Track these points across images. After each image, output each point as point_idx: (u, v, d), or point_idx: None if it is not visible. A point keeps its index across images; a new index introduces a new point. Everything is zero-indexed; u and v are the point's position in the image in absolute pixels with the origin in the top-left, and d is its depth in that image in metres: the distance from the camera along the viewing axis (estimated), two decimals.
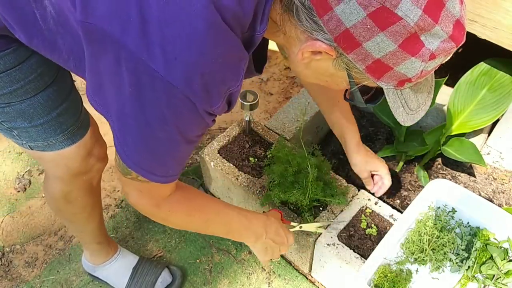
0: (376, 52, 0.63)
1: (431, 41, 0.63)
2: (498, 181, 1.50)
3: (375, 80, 0.68)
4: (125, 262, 1.42)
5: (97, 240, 1.34)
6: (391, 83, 0.68)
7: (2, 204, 1.69)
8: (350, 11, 0.61)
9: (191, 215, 0.95)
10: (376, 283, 1.20)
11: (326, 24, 0.63)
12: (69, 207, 1.17)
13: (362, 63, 0.66)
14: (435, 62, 0.66)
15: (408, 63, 0.64)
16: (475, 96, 1.41)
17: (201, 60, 0.63)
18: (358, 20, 0.61)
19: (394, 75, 0.66)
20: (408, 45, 0.62)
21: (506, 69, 1.40)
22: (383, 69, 0.66)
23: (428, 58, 0.64)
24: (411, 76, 0.66)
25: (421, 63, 0.65)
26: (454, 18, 0.63)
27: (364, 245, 1.29)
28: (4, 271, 1.52)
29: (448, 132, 1.42)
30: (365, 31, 0.61)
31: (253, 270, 1.49)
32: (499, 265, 1.19)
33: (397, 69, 0.65)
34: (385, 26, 0.61)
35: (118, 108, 0.69)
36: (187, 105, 0.67)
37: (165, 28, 0.61)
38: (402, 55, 0.63)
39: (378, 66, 0.65)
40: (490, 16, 1.20)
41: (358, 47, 0.63)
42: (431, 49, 0.63)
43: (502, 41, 1.23)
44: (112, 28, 0.62)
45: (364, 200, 1.37)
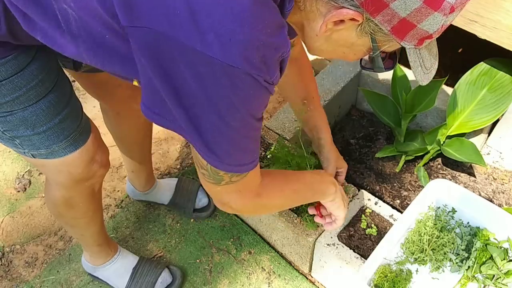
0: (402, 11, 0.65)
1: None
2: (498, 181, 1.50)
3: (399, 41, 0.70)
4: (125, 263, 1.42)
5: (97, 242, 1.34)
6: (413, 42, 0.70)
7: (2, 204, 1.69)
8: None
9: (283, 190, 0.98)
10: (376, 283, 1.20)
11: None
12: (71, 213, 1.17)
13: (388, 24, 0.67)
14: (453, 16, 0.68)
15: (431, 18, 0.66)
16: (475, 96, 1.41)
17: (254, 34, 0.63)
18: None
19: (417, 33, 0.68)
20: (432, 0, 0.64)
21: (506, 69, 1.40)
22: (408, 28, 0.67)
23: (449, 11, 0.65)
24: (432, 32, 0.68)
25: (443, 17, 0.66)
26: None
27: (364, 245, 1.29)
28: (4, 271, 1.52)
29: (448, 132, 1.42)
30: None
31: (253, 270, 1.49)
32: (499, 265, 1.19)
33: (420, 26, 0.67)
34: None
35: (185, 111, 0.68)
36: (251, 83, 0.66)
37: (213, 12, 0.61)
38: (427, 10, 0.64)
39: (403, 25, 0.67)
40: (490, 16, 1.20)
41: (385, 8, 0.65)
42: (451, 2, 0.65)
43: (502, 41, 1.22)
44: (161, 25, 0.62)
45: (364, 200, 1.37)
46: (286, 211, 1.33)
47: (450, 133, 1.41)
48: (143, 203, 1.67)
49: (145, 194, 1.60)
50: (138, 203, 1.67)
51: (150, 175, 1.57)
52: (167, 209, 1.65)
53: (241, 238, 1.56)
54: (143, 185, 1.58)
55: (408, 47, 0.72)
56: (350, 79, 1.63)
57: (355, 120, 1.74)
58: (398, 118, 1.47)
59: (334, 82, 1.63)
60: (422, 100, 1.41)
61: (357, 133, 1.68)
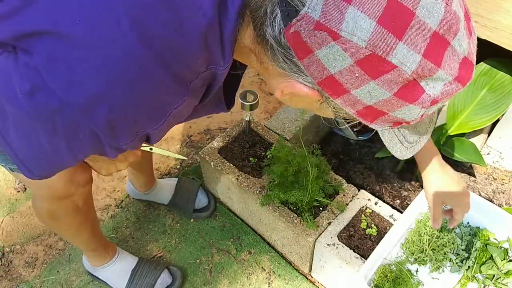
0: (367, 99, 0.56)
1: (433, 85, 0.54)
2: (498, 181, 1.50)
3: (367, 123, 0.62)
4: (124, 265, 1.41)
5: (90, 248, 1.33)
6: (386, 125, 0.62)
7: (2, 204, 1.69)
8: (333, 57, 0.52)
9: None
10: (376, 283, 1.20)
11: (307, 67, 0.55)
12: (55, 224, 1.16)
13: (351, 108, 0.58)
14: (438, 106, 0.58)
15: (406, 109, 0.57)
16: (475, 96, 1.41)
17: (109, 93, 0.57)
18: (344, 67, 0.53)
19: (390, 119, 0.59)
20: (406, 93, 0.54)
21: (506, 69, 1.40)
22: (377, 114, 0.59)
23: (430, 104, 0.56)
24: (410, 120, 0.59)
25: (421, 109, 0.57)
26: (460, 56, 0.54)
27: (364, 245, 1.29)
28: (4, 271, 1.52)
29: (448, 132, 1.42)
30: (353, 79, 0.53)
31: (253, 270, 1.49)
32: (499, 265, 1.19)
33: (393, 114, 0.58)
34: (377, 75, 0.52)
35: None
36: (87, 134, 0.62)
37: (76, 47, 0.54)
38: (399, 102, 0.55)
39: (371, 112, 0.58)
40: (490, 16, 1.20)
41: (345, 94, 0.56)
42: (433, 95, 0.55)
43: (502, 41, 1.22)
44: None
45: (364, 200, 1.37)
46: (286, 211, 1.33)
47: (450, 133, 1.42)
48: (143, 203, 1.67)
49: (145, 194, 1.60)
50: (138, 203, 1.67)
51: (150, 175, 1.57)
52: (167, 209, 1.65)
53: (241, 238, 1.56)
54: (143, 186, 1.57)
55: (380, 129, 0.64)
56: None
57: None
58: None
59: None
60: None
61: None
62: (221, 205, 1.65)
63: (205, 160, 1.49)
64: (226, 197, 1.59)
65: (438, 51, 0.52)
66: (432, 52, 0.51)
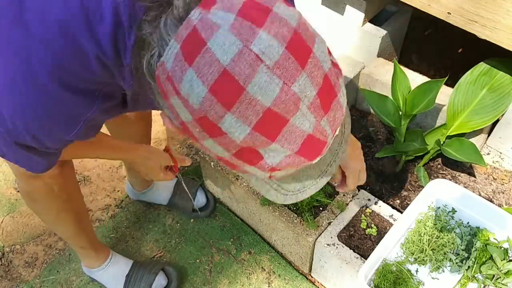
0: (213, 151, 0.57)
1: (272, 155, 0.55)
2: (498, 181, 1.50)
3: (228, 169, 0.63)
4: (117, 270, 1.41)
5: (77, 244, 1.33)
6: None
7: (2, 204, 1.69)
8: (179, 109, 0.54)
9: (77, 153, 1.06)
10: (376, 283, 1.20)
11: (169, 108, 0.57)
12: (34, 206, 1.16)
13: (209, 153, 0.59)
14: (282, 172, 0.58)
15: (249, 169, 0.57)
16: (475, 96, 1.40)
17: (19, 115, 0.64)
18: (189, 120, 0.54)
19: (245, 171, 0.59)
20: (244, 156, 0.55)
21: (506, 69, 1.40)
22: (231, 166, 0.59)
23: (268, 170, 0.57)
24: (261, 177, 0.59)
25: (264, 173, 0.57)
26: (304, 133, 0.53)
27: (364, 245, 1.29)
28: (4, 271, 1.52)
29: (448, 132, 1.41)
30: (197, 132, 0.55)
31: (253, 270, 1.49)
32: (499, 265, 1.19)
33: (243, 168, 0.58)
34: (213, 135, 0.54)
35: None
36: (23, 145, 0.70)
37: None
38: (238, 162, 0.56)
39: (225, 162, 0.59)
40: (490, 16, 1.20)
41: (197, 141, 0.58)
42: (271, 164, 0.56)
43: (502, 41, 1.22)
44: None
45: (364, 200, 1.37)
46: (286, 211, 1.33)
47: (450, 133, 1.41)
48: (143, 203, 1.67)
49: (143, 194, 1.60)
50: (138, 203, 1.67)
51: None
52: (167, 209, 1.65)
53: (241, 238, 1.56)
54: (140, 184, 1.57)
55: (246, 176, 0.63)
56: (350, 79, 1.63)
57: (355, 120, 1.74)
58: (398, 118, 1.47)
59: None
60: (422, 100, 1.41)
61: (357, 133, 1.68)
62: (221, 205, 1.65)
63: (205, 160, 1.49)
64: (226, 197, 1.59)
65: (272, 126, 0.51)
66: (265, 126, 0.51)
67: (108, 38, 0.60)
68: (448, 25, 1.29)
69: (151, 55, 0.54)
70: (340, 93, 0.56)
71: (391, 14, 1.69)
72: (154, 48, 0.53)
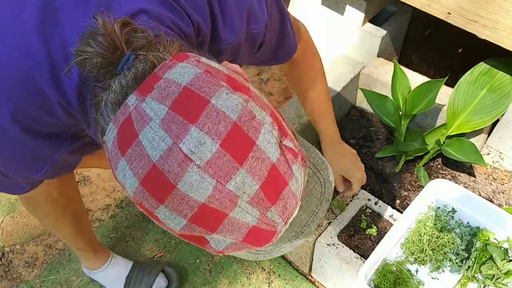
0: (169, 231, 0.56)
1: (217, 241, 0.54)
2: (498, 181, 1.50)
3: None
4: (117, 272, 1.41)
5: (76, 246, 1.32)
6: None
7: (2, 204, 1.69)
8: (123, 184, 0.53)
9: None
10: (376, 283, 1.20)
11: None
12: (33, 211, 1.16)
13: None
14: (231, 253, 0.57)
15: (203, 248, 0.57)
16: (475, 96, 1.40)
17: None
18: (133, 199, 0.53)
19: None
20: (189, 238, 0.54)
21: (506, 69, 1.40)
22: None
23: (217, 253, 0.56)
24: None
25: (215, 254, 0.57)
26: (247, 225, 0.51)
27: (364, 245, 1.29)
28: (4, 271, 1.52)
29: (448, 132, 1.42)
30: (144, 211, 0.53)
31: (253, 270, 1.49)
32: (499, 265, 1.19)
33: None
34: (154, 219, 0.53)
35: None
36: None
37: None
38: (189, 240, 0.55)
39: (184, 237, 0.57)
40: (490, 16, 1.20)
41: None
42: (217, 248, 0.55)
43: (502, 41, 1.22)
44: None
45: (364, 200, 1.37)
46: None
47: (450, 133, 1.41)
48: None
49: None
50: None
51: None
52: None
53: None
54: None
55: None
56: (350, 79, 1.63)
57: (355, 120, 1.74)
58: (398, 118, 1.47)
59: (334, 82, 1.63)
60: (422, 100, 1.41)
61: (357, 133, 1.68)
62: None
63: None
64: None
65: (210, 219, 0.50)
66: (202, 220, 0.50)
67: (74, 91, 0.58)
68: (448, 25, 1.29)
69: (97, 124, 0.54)
70: (292, 181, 0.52)
71: (391, 14, 1.69)
72: (99, 121, 0.53)
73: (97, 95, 0.53)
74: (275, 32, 0.83)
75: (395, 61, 1.46)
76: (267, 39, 0.79)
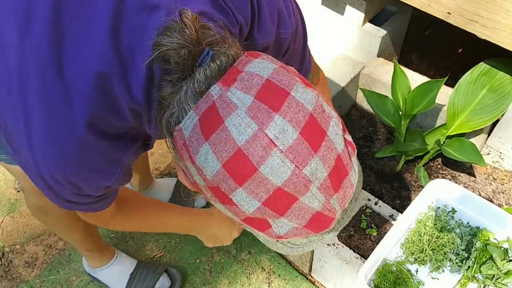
0: (224, 213, 0.60)
1: (280, 226, 0.57)
2: (498, 181, 1.50)
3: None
4: (122, 269, 1.41)
5: (85, 248, 1.33)
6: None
7: (2, 204, 1.69)
8: (193, 173, 0.56)
9: (133, 227, 1.07)
10: (376, 283, 1.20)
11: (184, 167, 0.60)
12: (46, 219, 1.16)
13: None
14: (288, 239, 0.61)
15: (260, 234, 0.60)
16: (475, 96, 1.40)
17: (61, 167, 0.64)
18: (202, 185, 0.57)
19: (252, 230, 0.61)
20: (252, 222, 0.57)
21: (506, 69, 1.40)
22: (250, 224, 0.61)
23: (276, 238, 0.59)
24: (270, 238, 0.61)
25: (273, 238, 0.60)
26: (312, 210, 0.55)
27: (364, 245, 1.29)
28: (4, 271, 1.52)
29: (448, 132, 1.41)
30: (209, 196, 0.58)
31: (253, 270, 1.49)
32: (499, 265, 1.19)
33: (251, 229, 0.61)
34: (224, 203, 0.56)
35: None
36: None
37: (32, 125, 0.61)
38: (248, 227, 0.59)
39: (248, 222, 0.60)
40: (490, 16, 1.20)
41: (208, 199, 0.60)
42: (278, 233, 0.58)
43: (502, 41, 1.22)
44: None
45: (364, 200, 1.37)
46: None
47: (450, 133, 1.41)
48: None
49: (143, 194, 1.60)
50: None
51: (147, 175, 1.56)
52: None
53: (241, 238, 1.56)
54: (139, 185, 1.57)
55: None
56: (350, 79, 1.63)
57: (355, 120, 1.74)
58: (398, 118, 1.47)
59: (334, 82, 1.63)
60: (422, 100, 1.41)
61: (357, 133, 1.68)
62: None
63: None
64: None
65: (281, 203, 0.53)
66: (274, 203, 0.53)
67: (141, 87, 0.61)
68: (448, 25, 1.29)
69: (170, 114, 0.56)
70: (352, 172, 0.58)
71: (391, 14, 1.69)
72: (174, 110, 0.55)
73: (164, 88, 0.57)
74: (300, 44, 0.84)
75: (395, 61, 1.46)
76: (292, 47, 0.81)
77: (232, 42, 0.57)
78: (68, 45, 0.58)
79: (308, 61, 0.91)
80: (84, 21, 0.58)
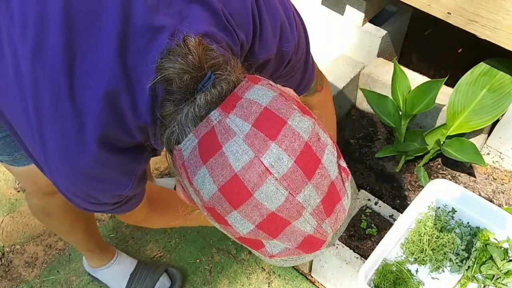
0: (228, 234, 0.61)
1: (273, 246, 0.59)
2: (498, 181, 1.50)
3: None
4: (122, 268, 1.41)
5: (86, 248, 1.33)
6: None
7: (2, 204, 1.69)
8: (191, 193, 0.59)
9: (169, 223, 1.09)
10: (376, 283, 1.20)
11: (182, 184, 0.62)
12: (48, 220, 1.16)
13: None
14: (281, 259, 0.62)
15: (255, 252, 0.62)
16: (475, 96, 1.40)
17: (76, 175, 0.65)
18: (199, 204, 0.59)
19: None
20: (246, 242, 0.60)
21: (506, 69, 1.40)
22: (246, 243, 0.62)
23: (269, 257, 0.61)
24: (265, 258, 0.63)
25: (267, 258, 0.62)
26: (304, 233, 0.56)
27: (364, 245, 1.29)
28: (4, 271, 1.52)
29: (448, 132, 1.42)
30: (205, 214, 0.59)
31: (253, 270, 1.49)
32: (499, 265, 1.19)
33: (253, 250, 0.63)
34: (219, 222, 0.58)
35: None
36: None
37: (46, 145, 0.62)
38: (244, 245, 0.62)
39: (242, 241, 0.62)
40: (490, 16, 1.20)
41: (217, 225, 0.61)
42: (271, 252, 0.60)
43: (502, 41, 1.22)
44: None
45: (364, 200, 1.37)
46: None
47: (450, 133, 1.41)
48: None
49: None
50: None
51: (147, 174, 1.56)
52: None
53: None
54: None
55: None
56: (350, 79, 1.63)
57: (355, 120, 1.74)
58: (398, 118, 1.47)
59: (334, 82, 1.63)
60: (422, 100, 1.41)
61: (357, 133, 1.68)
62: None
63: None
64: None
65: (274, 226, 0.55)
66: (268, 226, 0.55)
67: (146, 109, 0.62)
68: (448, 25, 1.29)
69: (171, 132, 0.57)
70: (345, 197, 0.59)
71: (391, 14, 1.69)
72: (174, 129, 0.57)
73: (166, 107, 0.58)
74: (303, 54, 0.85)
75: (395, 61, 1.46)
76: (294, 59, 0.81)
77: (234, 64, 0.59)
78: (79, 65, 0.59)
79: (311, 69, 0.92)
80: (93, 41, 0.59)
